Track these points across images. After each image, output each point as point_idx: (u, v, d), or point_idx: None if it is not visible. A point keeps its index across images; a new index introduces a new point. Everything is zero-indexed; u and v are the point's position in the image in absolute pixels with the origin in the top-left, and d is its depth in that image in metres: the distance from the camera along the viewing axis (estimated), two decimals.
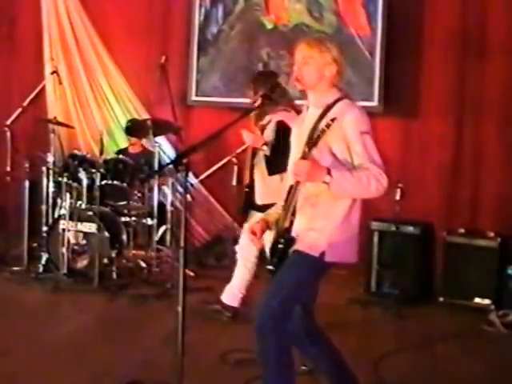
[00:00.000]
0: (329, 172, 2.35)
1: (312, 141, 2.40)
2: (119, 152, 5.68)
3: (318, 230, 2.47)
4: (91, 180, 4.84)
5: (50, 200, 5.09)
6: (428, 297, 4.69)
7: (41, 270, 4.87)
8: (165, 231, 5.24)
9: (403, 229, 4.66)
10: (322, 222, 2.47)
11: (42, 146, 5.42)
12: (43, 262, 4.88)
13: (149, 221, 5.16)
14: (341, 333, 3.28)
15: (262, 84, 3.90)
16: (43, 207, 5.07)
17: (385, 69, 5.43)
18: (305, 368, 3.05)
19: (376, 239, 4.75)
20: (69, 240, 4.75)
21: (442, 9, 5.33)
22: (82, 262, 4.79)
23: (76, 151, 5.32)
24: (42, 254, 4.90)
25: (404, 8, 5.42)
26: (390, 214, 4.60)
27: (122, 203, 5.11)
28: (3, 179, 5.21)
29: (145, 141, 5.57)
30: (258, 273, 3.94)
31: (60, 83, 5.53)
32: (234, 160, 5.26)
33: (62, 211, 4.88)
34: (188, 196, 4.96)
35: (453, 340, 3.95)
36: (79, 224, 4.77)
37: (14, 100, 5.94)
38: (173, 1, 6.17)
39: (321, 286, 2.65)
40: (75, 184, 4.91)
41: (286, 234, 2.51)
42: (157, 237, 5.15)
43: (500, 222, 4.96)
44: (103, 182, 4.92)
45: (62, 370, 3.21)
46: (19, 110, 5.19)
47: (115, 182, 5.02)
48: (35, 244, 5.18)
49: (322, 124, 2.42)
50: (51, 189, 5.07)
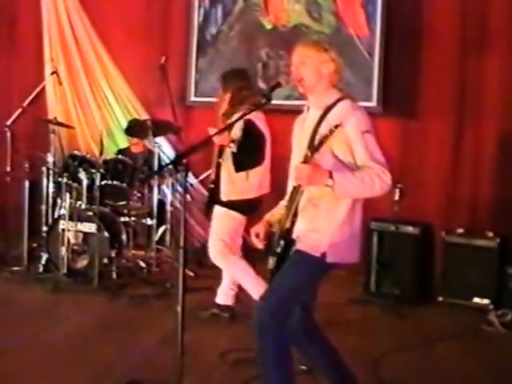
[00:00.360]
0: (331, 175, 2.34)
1: (314, 145, 2.39)
2: (120, 151, 5.68)
3: (319, 231, 2.47)
4: (91, 180, 4.84)
5: (50, 200, 5.10)
6: (427, 296, 4.68)
7: (41, 269, 4.88)
8: (164, 231, 5.26)
9: (402, 229, 4.67)
10: (323, 223, 2.47)
11: (41, 146, 5.41)
12: (43, 261, 4.88)
13: (148, 221, 5.18)
14: (340, 332, 3.29)
15: (230, 83, 3.93)
16: (43, 207, 5.08)
17: (383, 69, 5.43)
18: (304, 367, 3.04)
19: (375, 239, 4.74)
20: (69, 240, 4.75)
21: (440, 9, 5.34)
22: (82, 262, 4.79)
23: (76, 151, 5.33)
24: (42, 253, 4.91)
25: (403, 9, 5.42)
26: (390, 214, 4.62)
27: (121, 203, 5.12)
28: (3, 179, 5.21)
29: (146, 141, 5.60)
30: (258, 271, 3.94)
31: (60, 84, 5.54)
32: None
33: (62, 211, 4.88)
34: (187, 196, 4.97)
35: (452, 339, 3.93)
36: (79, 224, 4.77)
37: (14, 100, 5.94)
38: (172, 1, 6.18)
39: (320, 285, 2.65)
40: (75, 184, 4.91)
41: (287, 234, 2.50)
42: (156, 237, 5.17)
43: (499, 222, 4.95)
44: (103, 183, 4.92)
45: (62, 369, 3.21)
46: (19, 110, 5.19)
47: (115, 183, 5.02)
48: (35, 244, 5.19)
49: (324, 127, 2.41)
50: (51, 189, 5.08)
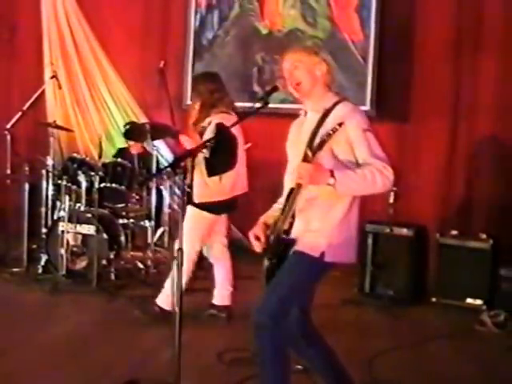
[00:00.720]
0: (332, 174, 2.34)
1: (316, 145, 2.39)
2: (120, 151, 5.70)
3: (317, 231, 2.48)
4: (90, 183, 4.87)
5: (50, 202, 5.12)
6: (421, 297, 4.71)
7: (40, 271, 4.89)
8: (162, 233, 5.29)
9: (397, 231, 4.68)
10: (321, 224, 2.48)
11: (41, 149, 5.44)
12: (42, 263, 4.90)
13: (146, 223, 5.18)
14: (335, 332, 3.29)
15: (200, 88, 3.94)
16: (43, 209, 5.10)
17: (377, 73, 5.43)
18: (300, 367, 3.06)
19: (370, 241, 4.75)
20: (68, 242, 4.76)
21: (434, 14, 5.35)
22: (81, 264, 4.80)
23: (75, 154, 5.38)
24: (42, 255, 4.92)
25: (397, 13, 5.45)
26: (384, 217, 4.64)
27: (120, 205, 5.13)
28: (3, 182, 5.23)
29: (145, 144, 5.63)
30: (255, 274, 3.97)
31: (59, 87, 5.55)
32: None
33: (61, 213, 4.89)
34: (185, 198, 4.99)
35: (445, 339, 3.96)
36: (78, 226, 4.78)
37: (14, 104, 5.95)
38: (170, 7, 6.20)
39: (317, 288, 2.65)
40: (74, 187, 4.92)
41: (285, 235, 2.50)
42: (154, 238, 5.19)
43: (492, 224, 4.99)
44: (102, 185, 4.95)
45: (61, 369, 3.23)
46: (19, 113, 5.20)
47: (114, 185, 5.04)
48: (35, 245, 5.19)
49: (325, 128, 2.42)
50: (50, 191, 5.10)
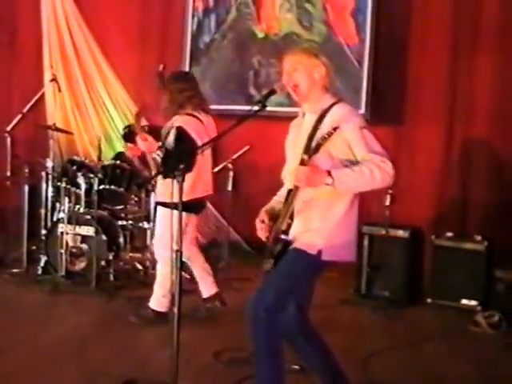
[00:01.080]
0: (329, 174, 2.37)
1: (312, 148, 2.42)
2: (119, 155, 5.69)
3: (314, 231, 2.51)
4: (89, 185, 4.88)
5: (49, 204, 5.14)
6: (416, 298, 4.73)
7: (40, 271, 4.91)
8: None
9: (393, 232, 4.70)
10: (317, 224, 2.51)
11: (41, 151, 5.46)
12: (42, 264, 4.92)
13: (145, 224, 5.22)
14: (332, 332, 3.25)
15: (171, 84, 3.95)
16: (42, 211, 5.12)
17: (372, 77, 5.46)
18: (296, 367, 3.10)
19: (366, 242, 4.77)
20: (67, 243, 4.79)
21: (430, 18, 5.38)
22: (80, 265, 4.81)
23: (75, 157, 5.40)
24: (41, 256, 4.94)
25: (392, 18, 5.47)
26: (380, 218, 4.66)
27: (119, 207, 5.15)
28: (3, 183, 5.24)
29: None
30: (252, 275, 4.00)
31: (59, 90, 5.52)
32: (229, 166, 5.37)
33: (61, 215, 4.91)
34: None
35: (440, 340, 3.98)
36: (77, 227, 4.80)
37: (14, 106, 5.98)
38: (169, 10, 6.23)
39: (315, 287, 2.68)
40: (74, 188, 4.94)
41: (283, 236, 2.53)
42: (153, 240, 5.25)
43: (487, 226, 5.00)
44: (101, 187, 4.96)
45: (60, 369, 3.25)
46: (19, 116, 5.21)
47: (113, 187, 5.04)
48: (34, 247, 5.22)
49: (321, 131, 2.44)
50: (50, 193, 5.12)
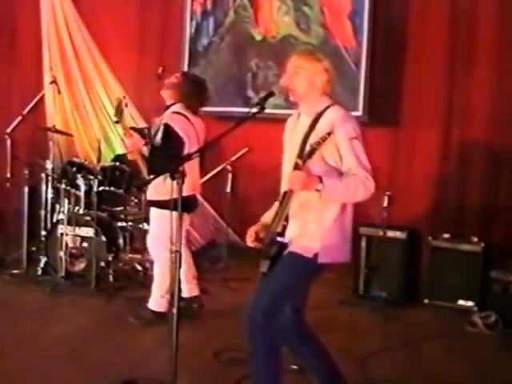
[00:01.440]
0: (321, 180, 2.42)
1: (306, 153, 2.44)
2: (118, 157, 5.71)
3: (310, 234, 2.53)
4: (89, 186, 4.89)
5: (49, 205, 5.16)
6: (413, 299, 4.75)
7: (40, 272, 4.92)
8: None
9: (390, 234, 4.72)
10: (313, 227, 2.54)
11: (41, 153, 5.47)
12: (42, 265, 4.93)
13: (145, 225, 5.20)
14: (329, 333, 3.31)
15: (188, 86, 4.07)
16: (42, 212, 5.14)
17: (370, 79, 5.46)
18: (295, 367, 3.12)
19: (364, 244, 4.80)
20: (67, 244, 4.80)
21: (427, 21, 5.38)
22: (80, 266, 4.83)
23: (74, 158, 5.42)
24: (41, 257, 4.95)
25: (389, 20, 5.47)
26: (378, 220, 4.68)
27: (118, 209, 5.18)
28: (3, 185, 5.26)
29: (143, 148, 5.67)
30: (251, 276, 4.02)
31: (59, 92, 5.56)
32: (228, 167, 5.39)
33: (61, 216, 4.93)
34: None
35: (437, 340, 4.00)
36: (77, 228, 4.82)
37: (14, 108, 5.99)
38: (168, 13, 6.24)
39: (311, 288, 2.71)
40: (73, 190, 4.97)
41: (278, 238, 2.55)
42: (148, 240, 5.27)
43: (483, 228, 5.02)
44: (101, 189, 4.98)
45: (59, 369, 3.27)
46: (19, 118, 5.23)
47: (112, 189, 5.07)
48: (34, 248, 5.23)
49: (315, 134, 2.47)
50: (50, 194, 5.15)
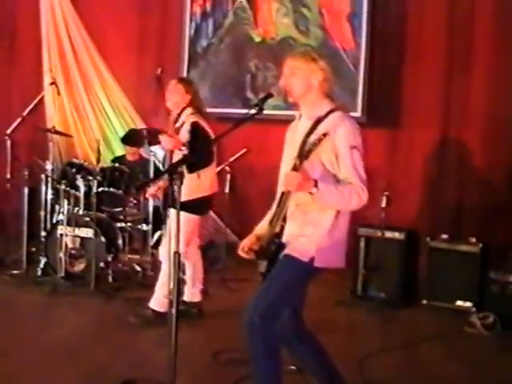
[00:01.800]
0: (316, 184, 2.41)
1: (303, 154, 2.45)
2: (117, 159, 5.76)
3: (307, 237, 2.53)
4: (88, 187, 4.91)
5: (49, 206, 5.18)
6: (412, 299, 4.76)
7: (39, 273, 4.94)
8: (159, 236, 5.29)
9: (388, 234, 4.75)
10: (311, 229, 2.54)
11: (41, 154, 5.49)
12: (42, 265, 4.95)
13: (144, 226, 5.27)
14: (328, 334, 3.32)
15: (192, 88, 4.13)
16: (42, 213, 5.16)
17: (368, 81, 5.49)
18: (293, 367, 3.12)
19: (362, 244, 4.82)
20: (66, 245, 4.82)
21: (425, 23, 5.41)
22: (79, 266, 4.84)
23: (74, 159, 5.41)
24: (41, 257, 4.97)
25: (388, 22, 5.50)
26: (376, 221, 4.69)
27: (118, 209, 5.19)
28: (3, 186, 5.28)
29: (142, 149, 5.67)
30: (249, 276, 4.03)
31: (58, 94, 5.57)
32: (227, 168, 5.41)
33: (60, 217, 4.95)
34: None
35: (435, 341, 4.01)
36: (76, 229, 4.83)
37: (14, 110, 5.98)
38: (167, 15, 6.26)
39: (309, 288, 2.71)
40: (73, 191, 4.98)
41: (276, 238, 2.57)
42: (151, 242, 5.24)
43: (481, 229, 5.04)
44: (100, 189, 5.00)
45: (59, 369, 3.28)
46: (19, 119, 5.24)
47: (111, 189, 5.08)
48: (34, 248, 5.26)
49: (313, 137, 2.47)
50: (49, 195, 5.17)
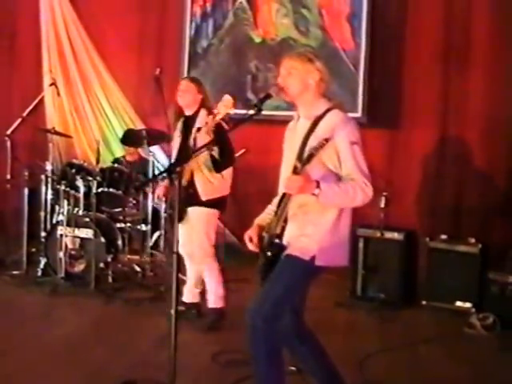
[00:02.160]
0: (318, 184, 2.43)
1: (304, 158, 2.46)
2: (116, 160, 5.76)
3: (308, 236, 2.55)
4: (88, 188, 4.92)
5: (49, 207, 5.18)
6: (411, 300, 4.76)
7: (39, 273, 4.95)
8: (158, 237, 5.32)
9: (387, 235, 4.75)
10: (311, 229, 2.55)
11: (40, 154, 5.51)
12: (42, 266, 4.96)
13: (143, 227, 5.27)
14: (327, 334, 3.26)
15: (205, 89, 4.15)
16: (42, 213, 5.16)
17: (368, 81, 5.50)
18: (293, 368, 3.11)
19: (361, 245, 4.81)
20: (66, 245, 4.83)
21: (424, 23, 5.42)
22: (79, 267, 4.86)
23: (73, 160, 5.43)
24: (41, 258, 4.98)
25: (387, 23, 5.51)
26: (375, 221, 4.69)
27: (117, 210, 5.20)
28: (4, 186, 5.27)
29: (141, 150, 5.67)
30: (249, 276, 4.03)
31: (58, 95, 5.56)
32: None
33: (60, 217, 4.96)
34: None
35: (435, 342, 4.01)
36: (76, 230, 4.84)
37: (14, 110, 5.97)
38: (166, 15, 6.27)
39: (309, 289, 2.71)
40: (73, 191, 4.99)
41: (277, 239, 2.58)
42: (151, 242, 5.24)
43: (481, 229, 5.04)
44: (99, 190, 5.00)
45: (59, 370, 3.29)
46: (19, 120, 5.23)
47: (111, 190, 5.09)
48: (34, 249, 5.26)
49: (313, 139, 2.49)
50: (49, 196, 5.17)
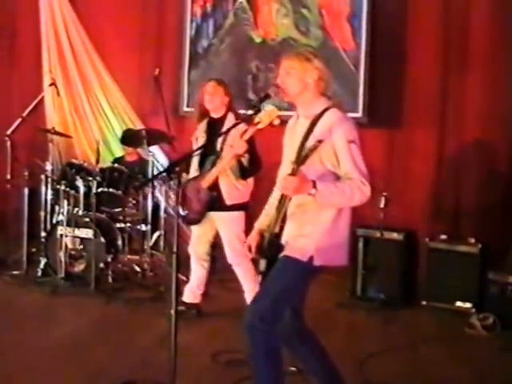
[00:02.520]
0: (314, 184, 2.43)
1: (300, 158, 2.47)
2: (116, 160, 5.75)
3: (306, 236, 2.55)
4: (88, 188, 4.93)
5: (49, 207, 5.20)
6: (411, 300, 4.77)
7: (39, 273, 4.96)
8: (158, 237, 5.33)
9: (387, 235, 4.76)
10: (309, 228, 2.56)
11: (40, 154, 5.48)
12: (42, 266, 4.97)
13: (143, 227, 5.26)
14: (328, 334, 3.30)
15: (229, 90, 4.16)
16: (42, 213, 5.18)
17: (369, 81, 5.49)
18: (293, 368, 3.13)
19: (361, 245, 4.82)
20: (66, 245, 4.84)
21: (424, 23, 5.39)
22: (79, 267, 4.87)
23: (73, 160, 5.43)
24: (41, 258, 5.00)
25: (387, 23, 5.49)
26: (375, 221, 4.69)
27: (117, 210, 5.20)
28: (3, 187, 5.28)
29: (140, 150, 5.68)
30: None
31: (58, 95, 5.59)
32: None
33: (60, 217, 4.97)
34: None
35: (435, 342, 4.02)
36: (76, 230, 4.86)
37: (14, 110, 5.97)
38: (166, 15, 6.25)
39: (309, 289, 2.71)
40: (72, 191, 5.00)
41: (276, 239, 2.59)
42: (151, 242, 5.24)
43: (480, 229, 5.02)
44: (99, 190, 5.00)
45: (59, 370, 3.30)
46: (19, 120, 5.25)
47: (111, 190, 5.09)
48: (34, 249, 5.28)
49: (311, 140, 2.49)
50: (49, 196, 5.18)
